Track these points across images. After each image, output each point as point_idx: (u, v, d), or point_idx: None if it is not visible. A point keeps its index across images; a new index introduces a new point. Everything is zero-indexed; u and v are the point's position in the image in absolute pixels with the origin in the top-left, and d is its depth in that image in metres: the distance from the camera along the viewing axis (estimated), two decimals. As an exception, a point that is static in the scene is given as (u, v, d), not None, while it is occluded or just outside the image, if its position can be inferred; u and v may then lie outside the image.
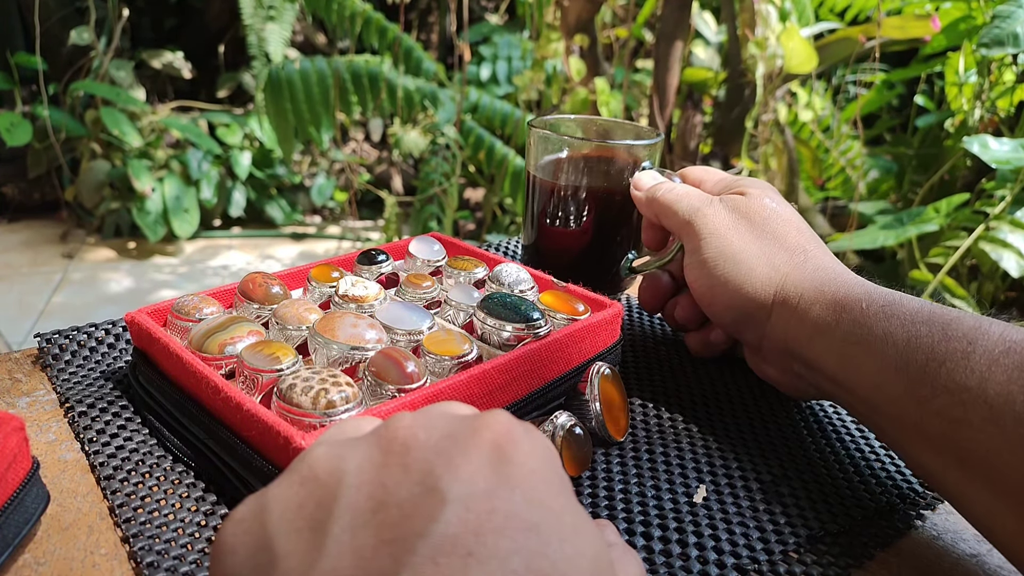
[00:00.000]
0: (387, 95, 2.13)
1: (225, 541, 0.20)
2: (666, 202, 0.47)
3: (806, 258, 0.42)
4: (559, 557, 0.18)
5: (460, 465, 0.19)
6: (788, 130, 1.88)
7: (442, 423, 0.21)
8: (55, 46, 2.73)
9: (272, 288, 0.45)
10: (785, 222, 0.44)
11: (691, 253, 0.45)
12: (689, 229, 0.45)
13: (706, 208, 0.45)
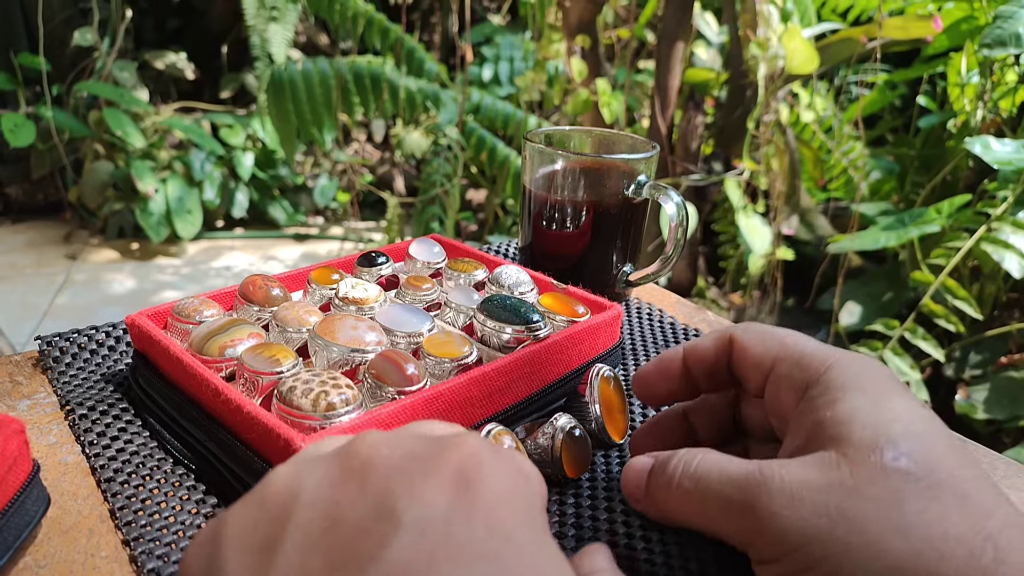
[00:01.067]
0: (389, 96, 2.13)
1: (185, 561, 0.20)
2: (718, 504, 0.28)
3: (996, 553, 0.24)
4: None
5: (419, 487, 0.18)
6: (790, 131, 1.87)
7: (409, 442, 0.20)
8: (58, 47, 2.74)
9: (272, 290, 0.45)
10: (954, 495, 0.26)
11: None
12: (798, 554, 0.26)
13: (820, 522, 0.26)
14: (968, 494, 0.25)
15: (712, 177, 1.87)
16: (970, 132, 1.71)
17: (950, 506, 0.25)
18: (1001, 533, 0.24)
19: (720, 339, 0.34)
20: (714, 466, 0.28)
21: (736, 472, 0.28)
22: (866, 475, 0.26)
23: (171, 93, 3.12)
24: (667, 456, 0.30)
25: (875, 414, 0.27)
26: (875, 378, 0.29)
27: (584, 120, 1.92)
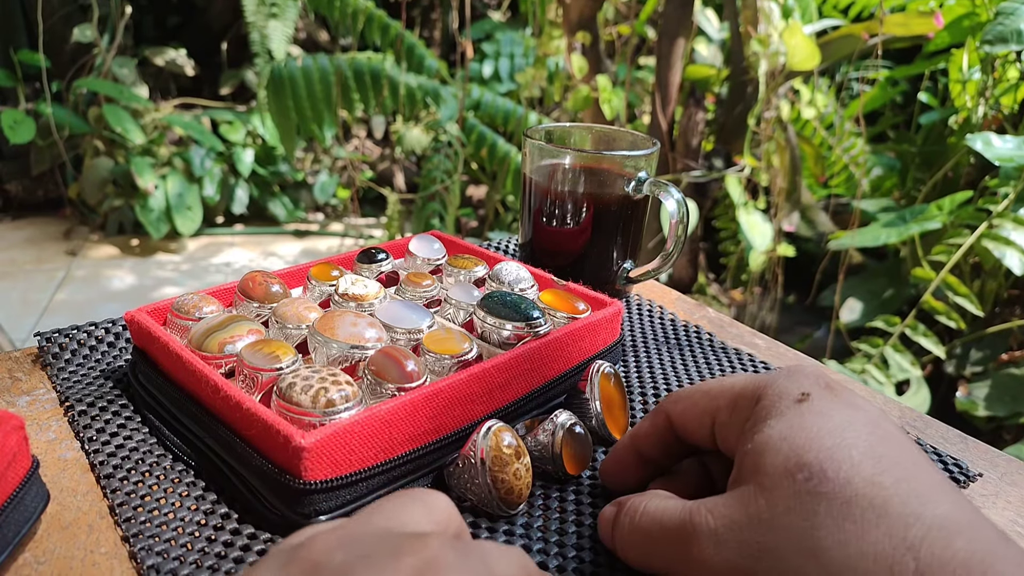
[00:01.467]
0: (389, 92, 2.13)
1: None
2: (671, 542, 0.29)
3: (917, 564, 0.23)
4: None
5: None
6: (791, 127, 1.87)
7: (369, 543, 0.19)
8: (58, 43, 2.73)
9: (272, 287, 0.45)
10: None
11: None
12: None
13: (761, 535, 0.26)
14: (887, 504, 0.24)
15: (713, 174, 1.87)
16: (971, 128, 1.71)
17: (868, 522, 0.24)
18: (923, 542, 0.23)
19: (656, 418, 0.34)
20: (655, 513, 0.29)
21: (672, 519, 0.28)
22: (781, 504, 0.26)
23: (171, 89, 3.12)
24: (623, 502, 0.31)
25: (789, 437, 0.27)
26: (790, 398, 0.29)
27: (584, 117, 1.92)
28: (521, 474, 0.34)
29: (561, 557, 0.32)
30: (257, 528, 0.32)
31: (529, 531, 0.33)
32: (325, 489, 0.31)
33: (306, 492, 0.30)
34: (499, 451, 0.33)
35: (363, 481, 0.32)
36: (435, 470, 0.35)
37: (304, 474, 0.30)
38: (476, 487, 0.33)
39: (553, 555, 0.32)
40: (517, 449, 0.34)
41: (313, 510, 0.31)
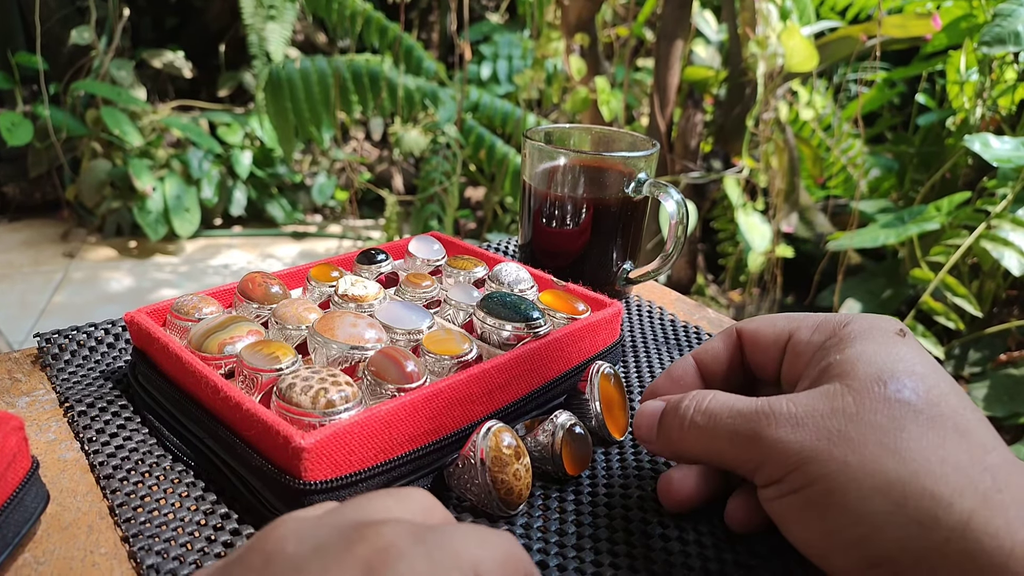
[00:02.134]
0: (388, 94, 2.13)
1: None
2: (735, 434, 0.29)
3: (995, 482, 0.25)
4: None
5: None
6: (789, 129, 1.87)
7: (322, 533, 0.18)
8: (56, 46, 2.73)
9: (271, 288, 0.45)
10: (953, 413, 0.27)
11: (810, 496, 0.27)
12: (805, 470, 0.27)
13: (833, 443, 0.27)
14: (969, 430, 0.26)
15: (711, 175, 1.87)
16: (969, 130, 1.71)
17: (950, 437, 0.26)
18: (1000, 468, 0.25)
19: (728, 335, 0.35)
20: (724, 403, 0.30)
21: (745, 407, 0.29)
22: (868, 404, 0.27)
23: (169, 92, 3.12)
24: (679, 397, 0.32)
25: (881, 355, 0.28)
26: (885, 329, 0.30)
27: (583, 118, 1.92)
28: (521, 474, 0.34)
29: (561, 557, 0.32)
30: (257, 528, 0.32)
31: (529, 531, 0.33)
32: (325, 490, 0.31)
33: (306, 492, 0.30)
34: (499, 451, 0.33)
35: (363, 481, 0.32)
36: (435, 470, 0.35)
37: (304, 474, 0.30)
38: (476, 487, 0.33)
39: (553, 555, 0.32)
40: (517, 449, 0.34)
41: (313, 511, 0.31)
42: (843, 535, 0.26)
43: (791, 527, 0.28)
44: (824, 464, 0.26)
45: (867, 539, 0.25)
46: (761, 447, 0.28)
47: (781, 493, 0.28)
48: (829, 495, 0.26)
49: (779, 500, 0.28)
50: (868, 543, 0.25)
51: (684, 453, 0.31)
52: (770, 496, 0.28)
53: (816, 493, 0.26)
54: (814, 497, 0.26)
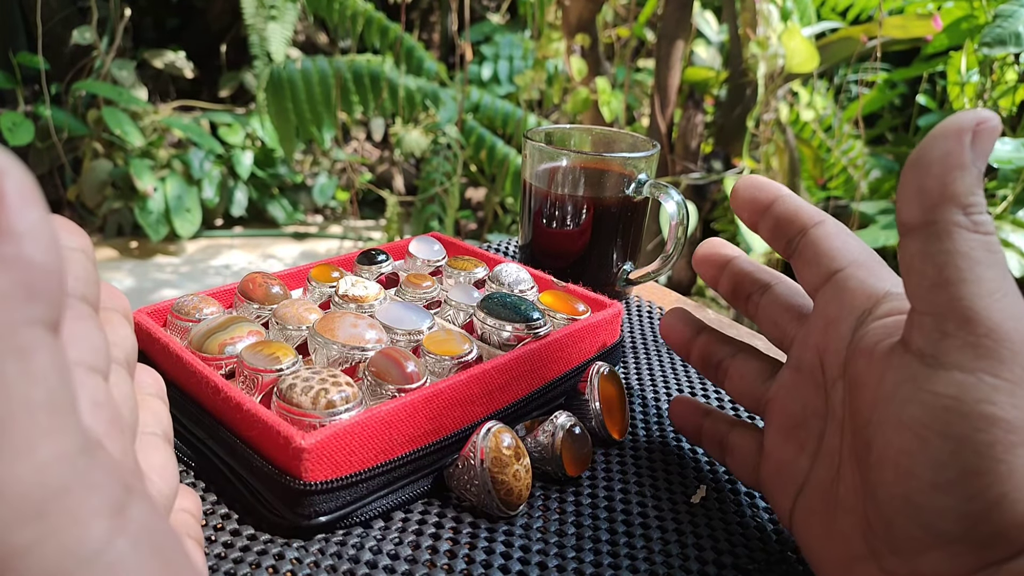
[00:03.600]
0: (388, 95, 2.13)
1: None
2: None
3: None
4: None
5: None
6: (789, 129, 1.87)
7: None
8: (57, 46, 2.73)
9: (272, 288, 0.45)
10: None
11: (963, 386, 0.23)
12: (993, 345, 0.23)
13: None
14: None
15: (712, 176, 1.87)
16: (970, 131, 1.71)
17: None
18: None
19: (816, 212, 0.32)
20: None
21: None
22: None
23: (170, 92, 3.12)
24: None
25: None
26: None
27: (584, 119, 1.92)
28: (521, 475, 0.34)
29: (561, 557, 0.32)
30: (257, 529, 0.32)
31: (529, 532, 0.33)
32: (325, 490, 0.31)
33: (306, 493, 0.30)
34: (499, 452, 0.33)
35: (363, 482, 0.32)
36: (435, 471, 0.35)
37: (304, 475, 0.30)
38: (476, 488, 0.33)
39: (553, 555, 0.32)
40: (517, 450, 0.34)
41: (313, 511, 0.31)
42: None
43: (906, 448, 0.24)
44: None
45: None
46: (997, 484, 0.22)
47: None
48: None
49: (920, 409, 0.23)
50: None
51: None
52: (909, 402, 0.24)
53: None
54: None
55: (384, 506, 0.33)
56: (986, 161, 0.24)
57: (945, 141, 0.24)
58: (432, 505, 0.34)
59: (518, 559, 0.31)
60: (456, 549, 0.32)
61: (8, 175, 0.14)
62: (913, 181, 0.25)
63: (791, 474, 0.31)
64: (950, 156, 0.24)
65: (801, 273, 0.32)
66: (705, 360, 0.37)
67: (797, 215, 0.32)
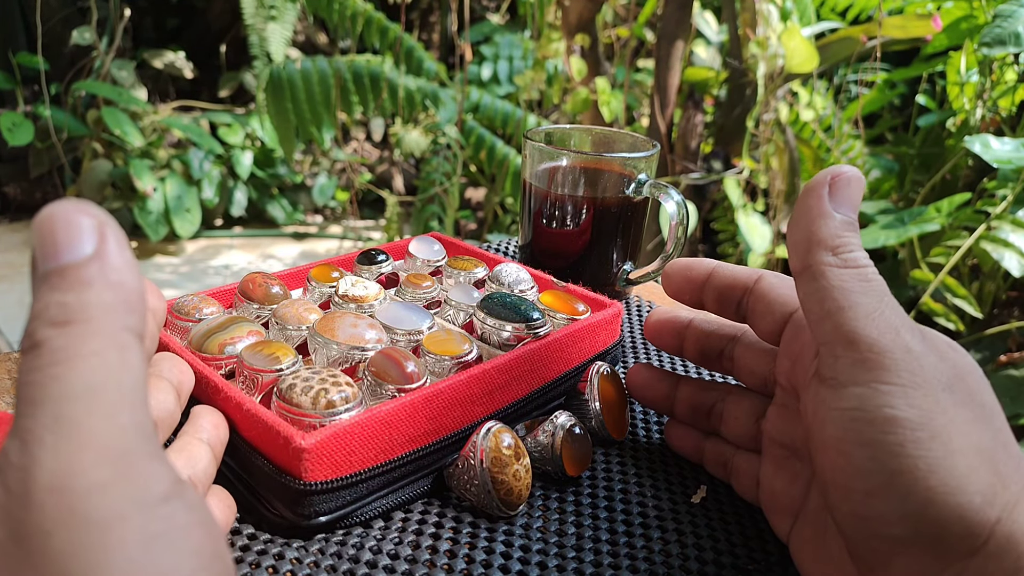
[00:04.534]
0: (388, 95, 2.13)
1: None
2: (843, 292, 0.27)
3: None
4: None
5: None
6: (789, 129, 1.87)
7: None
8: (57, 46, 2.73)
9: (272, 288, 0.45)
10: (995, 402, 0.27)
11: (861, 397, 0.25)
12: (876, 358, 0.26)
13: (914, 340, 0.26)
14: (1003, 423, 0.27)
15: (712, 176, 1.87)
16: (969, 131, 1.71)
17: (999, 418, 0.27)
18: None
19: (751, 271, 0.35)
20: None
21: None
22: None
23: (170, 92, 3.12)
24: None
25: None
26: None
27: (583, 119, 1.92)
28: (521, 475, 0.34)
29: (561, 557, 0.32)
30: (257, 529, 0.32)
31: (529, 532, 0.33)
32: (325, 490, 0.31)
33: (306, 493, 0.30)
34: (499, 452, 0.33)
35: (363, 482, 0.32)
36: (435, 471, 0.35)
37: (304, 475, 0.30)
38: (475, 488, 0.33)
39: (553, 555, 0.32)
40: (517, 450, 0.34)
41: (313, 511, 0.31)
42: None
43: (836, 454, 0.27)
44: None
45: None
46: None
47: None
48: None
49: (836, 421, 0.26)
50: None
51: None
52: (830, 412, 0.27)
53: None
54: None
55: (384, 506, 0.33)
56: (854, 207, 0.29)
57: (807, 198, 0.29)
58: (432, 505, 0.34)
59: (518, 559, 0.31)
60: (456, 549, 0.32)
61: (109, 225, 0.20)
62: (791, 235, 0.29)
63: (786, 503, 0.32)
64: (812, 209, 0.29)
65: (758, 327, 0.34)
66: (695, 410, 0.38)
67: (735, 278, 0.35)
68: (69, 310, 0.19)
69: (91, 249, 0.19)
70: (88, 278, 0.19)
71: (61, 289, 0.19)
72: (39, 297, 0.19)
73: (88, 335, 0.18)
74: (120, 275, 0.19)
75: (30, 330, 0.19)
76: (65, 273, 0.19)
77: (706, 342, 0.38)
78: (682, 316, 0.39)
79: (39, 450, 0.17)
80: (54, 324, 0.19)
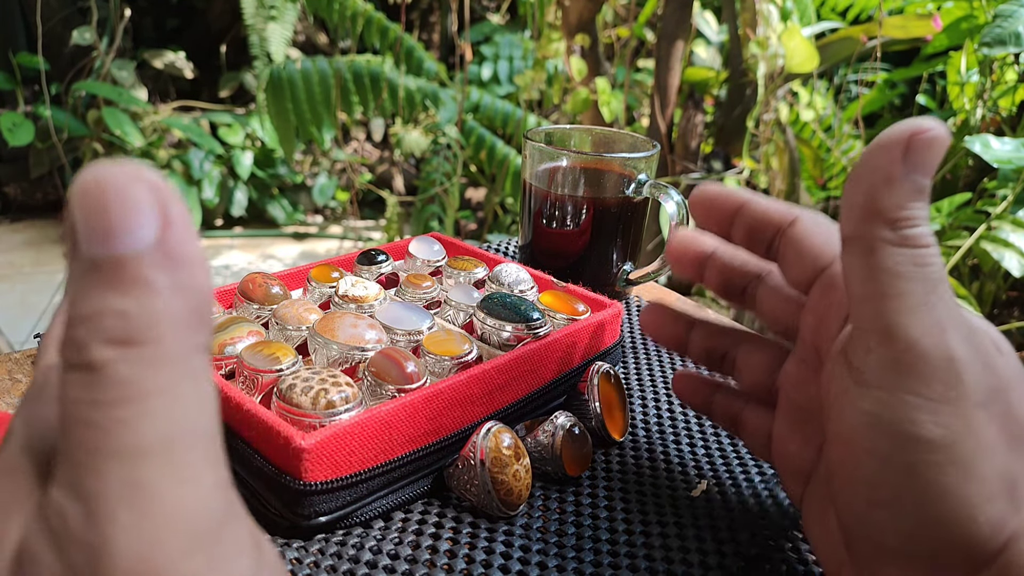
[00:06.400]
0: (388, 95, 2.13)
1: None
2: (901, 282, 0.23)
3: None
4: None
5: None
6: (789, 129, 1.87)
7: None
8: (57, 46, 2.73)
9: (272, 288, 0.45)
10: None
11: (886, 404, 0.23)
12: (912, 361, 0.23)
13: (959, 344, 0.23)
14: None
15: (712, 176, 1.87)
16: (970, 131, 1.71)
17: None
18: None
19: (787, 209, 0.31)
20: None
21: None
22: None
23: (170, 92, 3.12)
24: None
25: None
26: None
27: (583, 119, 1.92)
28: (521, 475, 0.34)
29: (561, 558, 0.32)
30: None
31: (529, 532, 0.33)
32: (325, 490, 0.31)
33: (306, 493, 0.30)
34: (499, 452, 0.33)
35: (363, 482, 0.32)
36: (435, 471, 0.35)
37: (304, 475, 0.30)
38: (475, 488, 0.33)
39: (553, 555, 0.32)
40: (517, 450, 0.34)
41: (313, 511, 0.31)
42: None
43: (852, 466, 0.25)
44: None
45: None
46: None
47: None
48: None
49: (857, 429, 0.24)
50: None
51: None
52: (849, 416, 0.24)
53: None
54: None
55: (384, 506, 0.33)
56: (930, 172, 0.24)
57: (876, 155, 0.24)
58: (432, 505, 0.34)
59: (518, 559, 0.31)
60: (456, 549, 0.32)
61: (172, 200, 0.15)
62: (848, 194, 0.25)
63: (799, 465, 0.30)
64: (878, 171, 0.24)
65: (787, 274, 0.31)
66: (708, 353, 0.36)
67: (768, 216, 0.31)
68: (132, 324, 0.14)
69: (153, 236, 0.14)
70: (152, 280, 0.14)
71: (119, 290, 0.14)
72: (89, 295, 0.14)
73: (158, 363, 0.15)
74: (190, 275, 0.15)
75: (80, 339, 0.14)
76: (122, 267, 0.14)
77: (729, 276, 0.34)
78: (706, 244, 0.34)
79: (112, 528, 0.14)
80: (114, 342, 0.14)
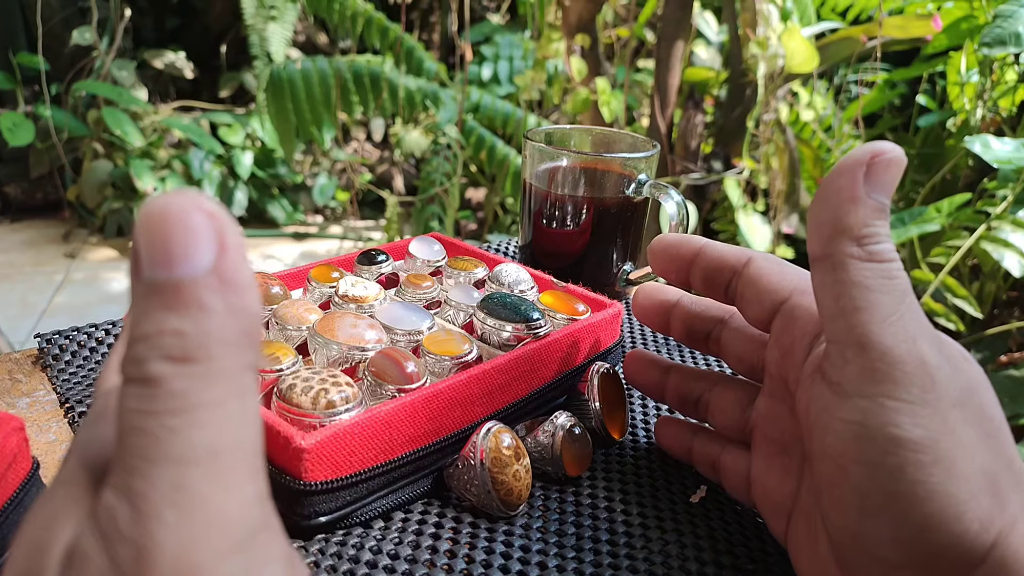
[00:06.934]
0: (388, 95, 2.13)
1: None
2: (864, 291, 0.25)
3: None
4: None
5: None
6: (789, 130, 1.87)
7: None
8: (57, 46, 2.73)
9: (272, 288, 0.45)
10: (1002, 417, 0.26)
11: (866, 411, 0.24)
12: (887, 369, 0.24)
13: (930, 351, 0.24)
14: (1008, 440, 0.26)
15: (712, 176, 1.87)
16: (970, 131, 1.71)
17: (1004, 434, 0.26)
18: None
19: (740, 252, 0.33)
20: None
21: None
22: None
23: (170, 92, 3.12)
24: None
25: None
26: None
27: (583, 119, 1.92)
28: (521, 475, 0.34)
29: (561, 558, 0.32)
30: (257, 529, 0.32)
31: (529, 532, 0.33)
32: (325, 490, 0.31)
33: (306, 493, 0.30)
34: (499, 452, 0.33)
35: (363, 482, 0.32)
36: (435, 471, 0.35)
37: (304, 475, 0.30)
38: (476, 488, 0.33)
39: (553, 555, 0.32)
40: (517, 450, 0.34)
41: (313, 511, 0.31)
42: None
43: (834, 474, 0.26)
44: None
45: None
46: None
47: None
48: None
49: (836, 437, 0.25)
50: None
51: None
52: (830, 426, 0.25)
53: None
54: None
55: (384, 506, 0.33)
56: (889, 192, 0.26)
57: (839, 177, 0.26)
58: (432, 505, 0.34)
59: (518, 559, 0.31)
60: (456, 549, 0.32)
61: (228, 228, 0.16)
62: (814, 216, 0.26)
63: (779, 500, 0.31)
64: (842, 191, 0.25)
65: (747, 313, 0.32)
66: (683, 399, 0.38)
67: (724, 259, 0.33)
68: (188, 343, 0.16)
69: (210, 262, 0.16)
70: (207, 303, 0.16)
71: (177, 311, 0.16)
72: (150, 315, 0.16)
73: (210, 379, 0.16)
74: (242, 299, 0.16)
75: (140, 356, 0.16)
76: (181, 291, 0.15)
77: (693, 323, 0.36)
78: (670, 295, 0.37)
79: (158, 527, 0.15)
80: (171, 359, 0.15)
